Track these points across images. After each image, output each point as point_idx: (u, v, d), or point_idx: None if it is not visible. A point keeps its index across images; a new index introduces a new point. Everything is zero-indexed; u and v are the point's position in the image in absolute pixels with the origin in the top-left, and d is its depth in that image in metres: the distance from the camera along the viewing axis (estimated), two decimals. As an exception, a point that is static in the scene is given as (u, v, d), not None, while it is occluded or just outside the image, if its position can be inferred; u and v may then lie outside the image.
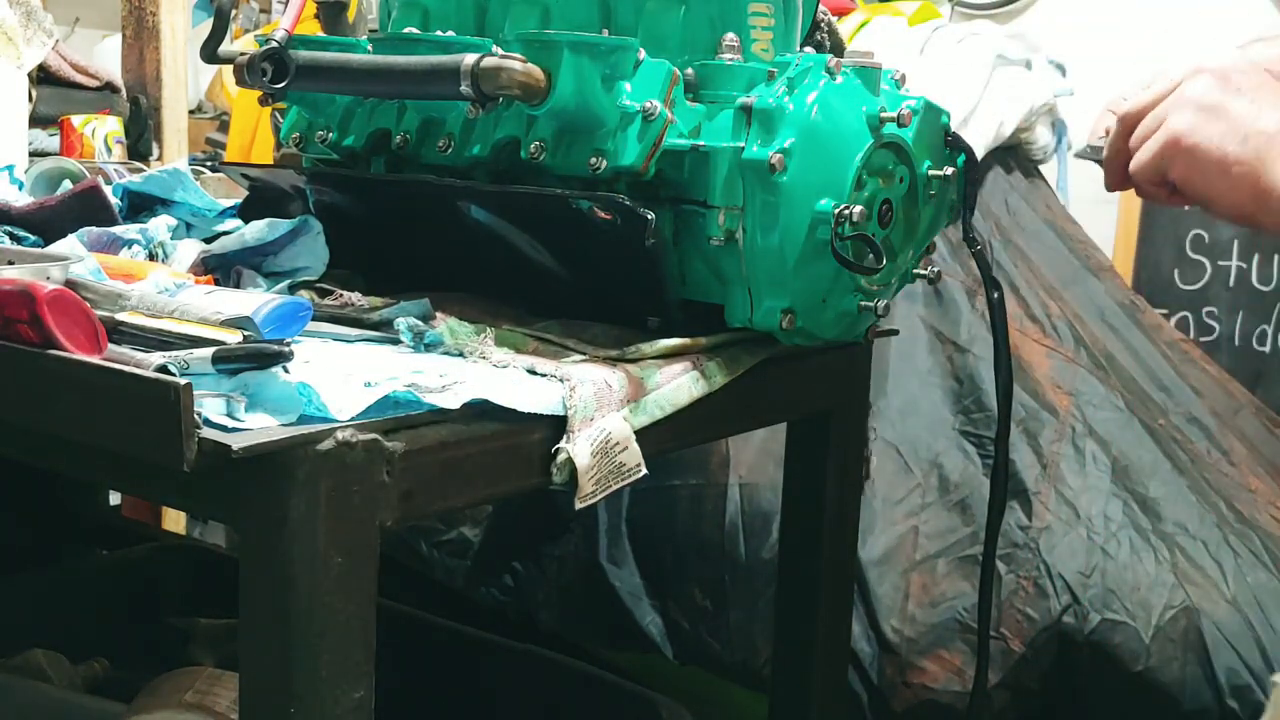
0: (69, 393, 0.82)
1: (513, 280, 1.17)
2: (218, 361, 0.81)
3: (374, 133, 1.21)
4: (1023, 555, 1.65)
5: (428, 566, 1.91)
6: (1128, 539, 1.66)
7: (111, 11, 2.56)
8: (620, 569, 1.77)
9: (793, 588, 1.36)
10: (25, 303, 0.82)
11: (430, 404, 0.87)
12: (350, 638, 0.82)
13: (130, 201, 1.36)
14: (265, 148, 2.74)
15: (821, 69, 1.07)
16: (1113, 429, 1.80)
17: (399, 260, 1.23)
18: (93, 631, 1.80)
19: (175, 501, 1.88)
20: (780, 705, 1.40)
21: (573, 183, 1.07)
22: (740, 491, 1.75)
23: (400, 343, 1.02)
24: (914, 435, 1.77)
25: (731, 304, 1.10)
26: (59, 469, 1.07)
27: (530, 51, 1.02)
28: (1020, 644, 1.60)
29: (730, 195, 1.06)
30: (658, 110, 1.03)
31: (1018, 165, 2.17)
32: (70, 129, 2.03)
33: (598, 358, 1.02)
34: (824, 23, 1.30)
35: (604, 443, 0.96)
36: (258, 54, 1.07)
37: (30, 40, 1.97)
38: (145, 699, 1.48)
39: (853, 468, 1.35)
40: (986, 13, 3.55)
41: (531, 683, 1.64)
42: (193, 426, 0.75)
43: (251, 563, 0.82)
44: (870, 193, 1.11)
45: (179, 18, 2.31)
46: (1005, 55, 2.13)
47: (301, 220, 1.19)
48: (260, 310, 0.92)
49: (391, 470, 0.83)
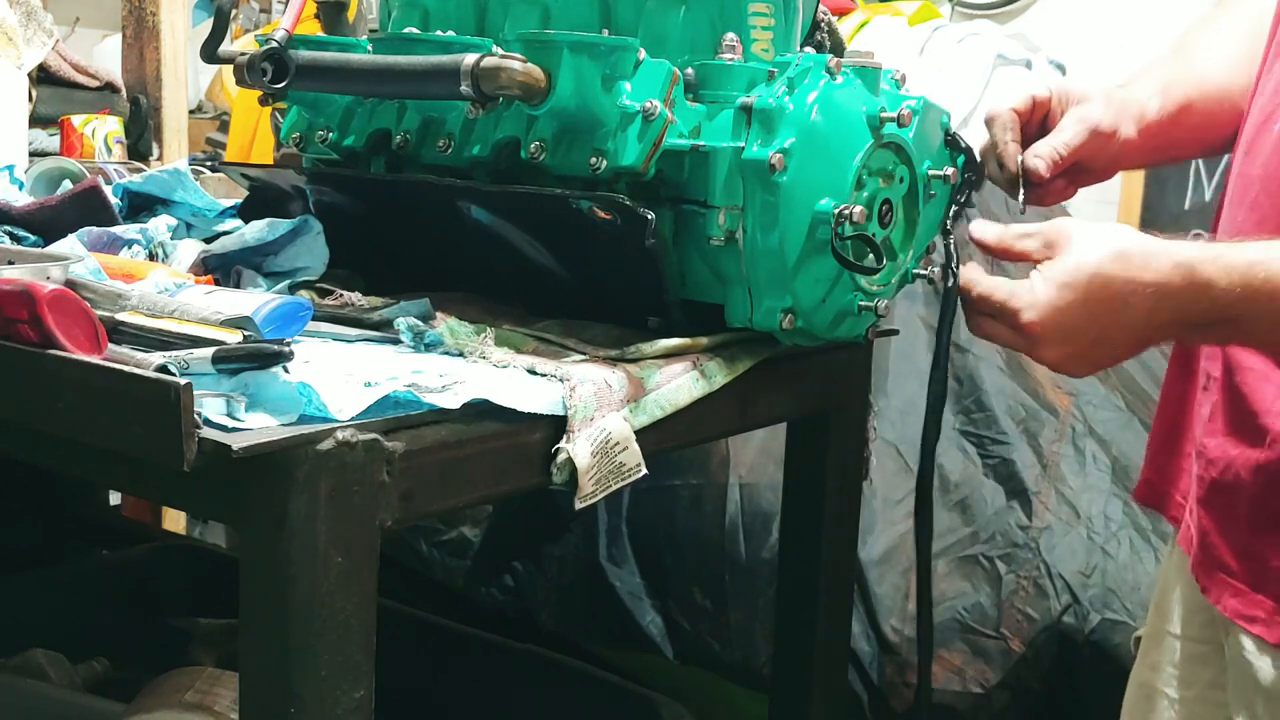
0: (69, 393, 0.82)
1: (513, 280, 1.17)
2: (218, 361, 0.81)
3: (374, 133, 1.21)
4: (1023, 555, 1.65)
5: (428, 566, 1.91)
6: (1128, 539, 1.66)
7: (111, 11, 2.56)
8: (620, 569, 1.77)
9: (793, 588, 1.36)
10: (25, 303, 0.82)
11: (430, 404, 0.87)
12: (350, 638, 0.82)
13: (130, 201, 1.36)
14: (265, 148, 2.74)
15: (821, 69, 1.07)
16: (1113, 429, 1.80)
17: (399, 260, 1.23)
18: (93, 631, 1.80)
19: (175, 501, 1.88)
20: (780, 705, 1.40)
21: (573, 183, 1.07)
22: (740, 491, 1.75)
23: (400, 343, 1.02)
24: (914, 435, 1.76)
25: (731, 304, 1.10)
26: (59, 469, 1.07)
27: (530, 51, 1.02)
28: (1020, 644, 1.60)
29: (730, 195, 1.06)
30: (658, 110, 1.03)
31: (1018, 165, 2.16)
32: (70, 129, 2.03)
33: (598, 358, 1.02)
34: (824, 23, 1.30)
35: (604, 443, 0.96)
36: (258, 54, 1.07)
37: (30, 40, 1.97)
38: (145, 699, 1.48)
39: (853, 468, 1.35)
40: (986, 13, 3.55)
41: (531, 683, 1.64)
42: (193, 426, 0.75)
43: (251, 563, 0.83)
44: (870, 193, 1.11)
45: (179, 18, 2.30)
46: (1005, 55, 2.13)
47: (301, 220, 1.19)
48: (260, 310, 0.92)
49: (391, 470, 0.83)
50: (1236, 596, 1.05)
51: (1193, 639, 1.18)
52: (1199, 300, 0.93)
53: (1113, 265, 0.95)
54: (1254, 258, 0.91)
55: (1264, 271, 0.91)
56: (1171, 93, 1.17)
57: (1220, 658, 1.14)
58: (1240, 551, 1.05)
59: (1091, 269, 0.95)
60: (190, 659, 1.71)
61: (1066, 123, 1.15)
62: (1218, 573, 1.07)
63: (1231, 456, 1.05)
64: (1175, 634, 1.19)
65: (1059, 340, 0.98)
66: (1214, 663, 1.15)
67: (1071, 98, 1.16)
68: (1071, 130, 1.14)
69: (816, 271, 1.08)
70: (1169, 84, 1.18)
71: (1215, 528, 1.07)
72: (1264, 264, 0.91)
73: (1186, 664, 1.18)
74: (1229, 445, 1.05)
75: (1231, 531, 1.06)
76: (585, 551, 1.80)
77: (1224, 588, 1.07)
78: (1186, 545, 1.13)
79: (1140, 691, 1.24)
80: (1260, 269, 0.91)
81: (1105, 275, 0.95)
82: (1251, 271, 0.91)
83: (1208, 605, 1.11)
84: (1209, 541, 1.08)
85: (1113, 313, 0.95)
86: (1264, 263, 0.91)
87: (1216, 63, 1.19)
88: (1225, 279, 0.92)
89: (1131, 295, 0.94)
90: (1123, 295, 0.94)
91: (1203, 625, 1.16)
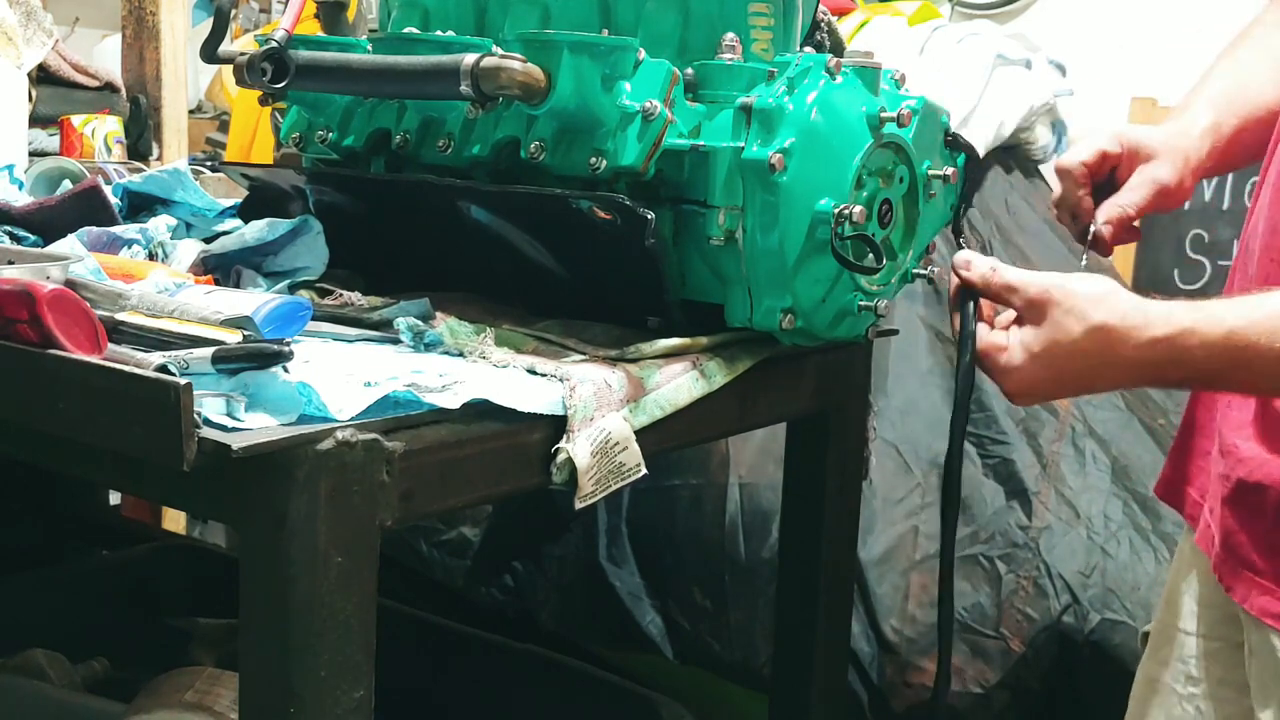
0: (69, 393, 0.82)
1: (513, 280, 1.17)
2: (218, 361, 0.81)
3: (374, 133, 1.21)
4: (1023, 555, 1.65)
5: (428, 566, 1.91)
6: (1128, 539, 1.66)
7: (111, 11, 2.56)
8: (620, 569, 1.77)
9: (793, 588, 1.36)
10: (25, 303, 0.82)
11: (430, 404, 0.87)
12: (350, 638, 0.82)
13: (130, 201, 1.36)
14: (265, 148, 2.74)
15: (821, 69, 1.07)
16: (1113, 429, 1.80)
17: (399, 260, 1.23)
18: (93, 631, 1.80)
19: (175, 501, 1.88)
20: (780, 705, 1.40)
21: (573, 183, 1.07)
22: (740, 491, 1.75)
23: (400, 343, 1.02)
24: (914, 435, 1.76)
25: (731, 304, 1.10)
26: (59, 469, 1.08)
27: (530, 51, 1.02)
28: (1020, 644, 1.60)
29: (730, 195, 1.06)
30: (657, 110, 1.03)
31: (1018, 165, 2.17)
32: (70, 129, 2.03)
33: (597, 358, 1.02)
34: (824, 23, 1.30)
35: (604, 443, 0.96)
36: (258, 54, 1.07)
37: (30, 40, 1.97)
38: (145, 699, 1.48)
39: (853, 468, 1.35)
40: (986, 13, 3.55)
41: (531, 683, 1.64)
42: (193, 426, 0.75)
43: (251, 563, 0.83)
44: (870, 193, 1.11)
45: (179, 18, 2.30)
46: (1005, 55, 2.13)
47: (301, 220, 1.19)
48: (260, 310, 0.92)
49: (391, 470, 0.83)
50: (1266, 595, 1.06)
51: (1205, 635, 1.18)
52: (1179, 369, 0.98)
53: (1090, 342, 0.98)
54: (1232, 326, 0.95)
55: (1242, 341, 0.94)
56: (1224, 126, 1.21)
57: (1232, 654, 1.14)
58: (1269, 550, 1.06)
59: (1068, 347, 0.99)
60: (190, 659, 1.71)
61: (1135, 182, 1.20)
62: (1244, 571, 1.07)
63: (1263, 456, 1.06)
64: (1187, 630, 1.20)
65: (1026, 397, 1.07)
66: (1225, 659, 1.16)
67: (1140, 153, 1.20)
68: (1140, 192, 1.19)
69: (816, 271, 1.08)
70: (1221, 115, 1.21)
71: (1242, 527, 1.07)
72: (1241, 333, 0.94)
73: (1197, 660, 1.19)
74: (1260, 445, 1.06)
75: (1259, 530, 1.06)
76: (585, 551, 1.80)
77: (1251, 586, 1.07)
78: (1207, 545, 1.13)
79: (1148, 687, 1.24)
80: (1239, 338, 0.94)
81: (1082, 352, 0.99)
82: (1230, 341, 0.95)
83: (1224, 602, 1.12)
84: (1234, 541, 1.08)
85: (1084, 378, 1.02)
86: (1241, 331, 0.94)
87: (1267, 83, 1.21)
88: (1204, 353, 0.95)
89: (1106, 369, 0.99)
90: (1097, 370, 1.00)
91: (1216, 622, 1.16)
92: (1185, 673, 1.20)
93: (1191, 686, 1.19)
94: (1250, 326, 0.94)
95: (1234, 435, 1.09)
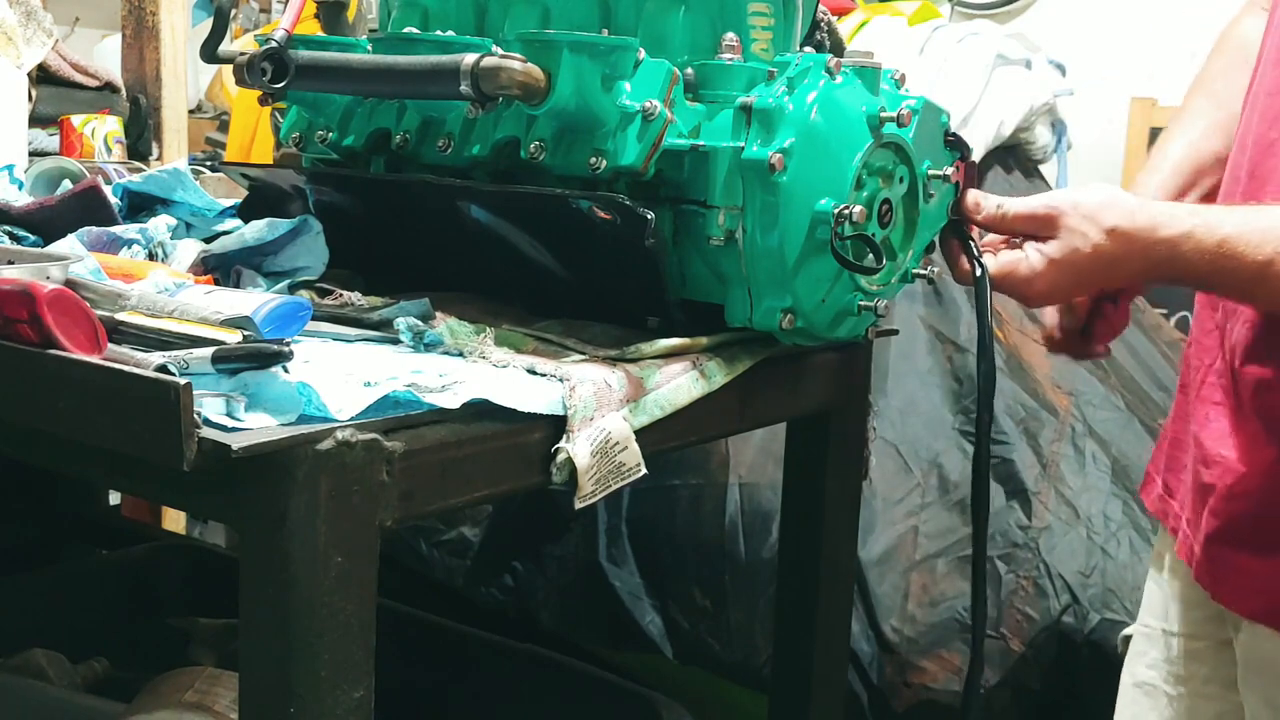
0: (69, 393, 0.82)
1: (513, 280, 1.17)
2: (217, 361, 0.81)
3: (374, 132, 1.21)
4: (1023, 555, 1.65)
5: (428, 566, 1.91)
6: (1128, 539, 1.66)
7: (111, 11, 2.56)
8: (620, 569, 1.77)
9: (793, 588, 1.36)
10: (25, 303, 0.82)
11: (430, 404, 0.87)
12: (350, 638, 0.82)
13: (130, 201, 1.36)
14: (265, 148, 2.74)
15: (821, 69, 1.07)
16: (1113, 429, 1.80)
17: (399, 260, 1.23)
18: (93, 631, 1.80)
19: (175, 501, 1.88)
20: (780, 705, 1.40)
21: (573, 183, 1.07)
22: (740, 491, 1.75)
23: (400, 343, 1.02)
24: (914, 435, 1.77)
25: (731, 304, 1.10)
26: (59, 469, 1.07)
27: (530, 51, 1.02)
28: (1020, 644, 1.61)
29: (730, 195, 1.06)
30: (657, 110, 1.03)
31: (1018, 165, 2.17)
32: (70, 129, 2.03)
33: (597, 358, 1.02)
34: (824, 23, 1.30)
35: (604, 442, 0.96)
36: (258, 54, 1.07)
37: (30, 40, 1.97)
38: (145, 699, 1.48)
39: (853, 468, 1.35)
40: (986, 13, 3.55)
41: (531, 683, 1.64)
42: (193, 426, 0.75)
43: (251, 563, 0.82)
44: (870, 193, 1.11)
45: (179, 18, 2.30)
46: (1005, 55, 2.13)
47: (301, 220, 1.19)
48: (260, 310, 0.92)
49: (391, 470, 0.83)
50: (1256, 596, 1.06)
51: (1189, 635, 1.18)
52: (1173, 268, 1.06)
53: (1109, 244, 1.06)
54: (1225, 235, 1.02)
55: (1230, 250, 1.02)
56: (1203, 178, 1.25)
57: (1217, 654, 1.15)
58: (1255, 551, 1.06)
59: (1088, 252, 1.07)
60: (190, 659, 1.71)
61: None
62: (1230, 575, 1.08)
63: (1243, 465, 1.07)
64: (1171, 631, 1.20)
65: (1047, 298, 1.16)
66: (1210, 659, 1.16)
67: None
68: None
69: (816, 271, 1.08)
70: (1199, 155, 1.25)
71: (1228, 533, 1.08)
72: (1231, 242, 1.02)
73: (1182, 660, 1.19)
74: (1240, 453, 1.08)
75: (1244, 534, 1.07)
76: (585, 551, 1.80)
77: (1238, 588, 1.08)
78: (1187, 555, 1.14)
79: (1134, 690, 1.24)
80: (1228, 246, 1.02)
81: (1101, 254, 1.06)
82: (1220, 250, 1.02)
83: (1205, 601, 1.12)
84: (1218, 547, 1.09)
85: (1100, 276, 1.10)
86: (1231, 241, 1.02)
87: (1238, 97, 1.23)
88: (1197, 257, 1.03)
89: (1121, 266, 1.07)
90: (1113, 267, 1.08)
91: (1200, 621, 1.17)
92: (1171, 673, 1.21)
93: (1180, 686, 1.20)
94: (1240, 237, 1.01)
95: (1216, 445, 1.10)
